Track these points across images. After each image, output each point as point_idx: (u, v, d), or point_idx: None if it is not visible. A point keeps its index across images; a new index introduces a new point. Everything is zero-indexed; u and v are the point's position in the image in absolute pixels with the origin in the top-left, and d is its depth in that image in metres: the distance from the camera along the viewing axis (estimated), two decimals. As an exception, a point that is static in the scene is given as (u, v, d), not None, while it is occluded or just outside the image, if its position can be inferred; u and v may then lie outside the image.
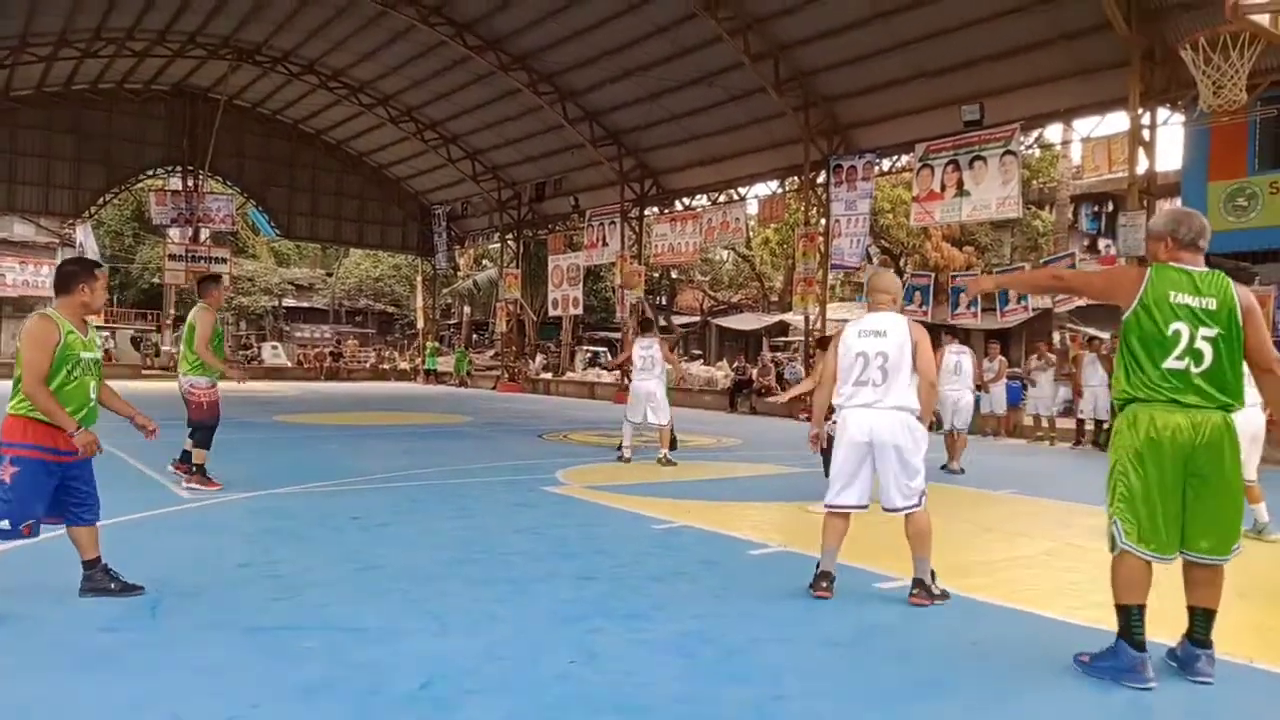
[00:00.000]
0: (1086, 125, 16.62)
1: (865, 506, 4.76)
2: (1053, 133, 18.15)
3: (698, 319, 39.93)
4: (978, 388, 16.41)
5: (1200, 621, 3.65)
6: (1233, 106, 11.05)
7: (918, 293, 19.00)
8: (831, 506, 4.77)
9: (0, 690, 3.28)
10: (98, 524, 4.44)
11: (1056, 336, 20.52)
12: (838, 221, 19.39)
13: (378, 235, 35.15)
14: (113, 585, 4.38)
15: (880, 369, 4.63)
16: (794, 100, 19.47)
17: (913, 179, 18.29)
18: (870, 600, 4.74)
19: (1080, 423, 14.47)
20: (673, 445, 10.12)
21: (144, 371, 30.51)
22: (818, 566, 4.75)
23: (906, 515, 4.65)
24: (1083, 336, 16.21)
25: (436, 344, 35.72)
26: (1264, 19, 7.12)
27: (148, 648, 3.74)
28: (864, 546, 5.40)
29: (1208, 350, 3.49)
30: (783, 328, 32.66)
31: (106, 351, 33.22)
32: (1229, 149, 14.41)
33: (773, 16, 18.15)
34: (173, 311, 36.38)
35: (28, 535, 4.22)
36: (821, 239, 20.00)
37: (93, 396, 4.37)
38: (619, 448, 10.08)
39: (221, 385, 7.84)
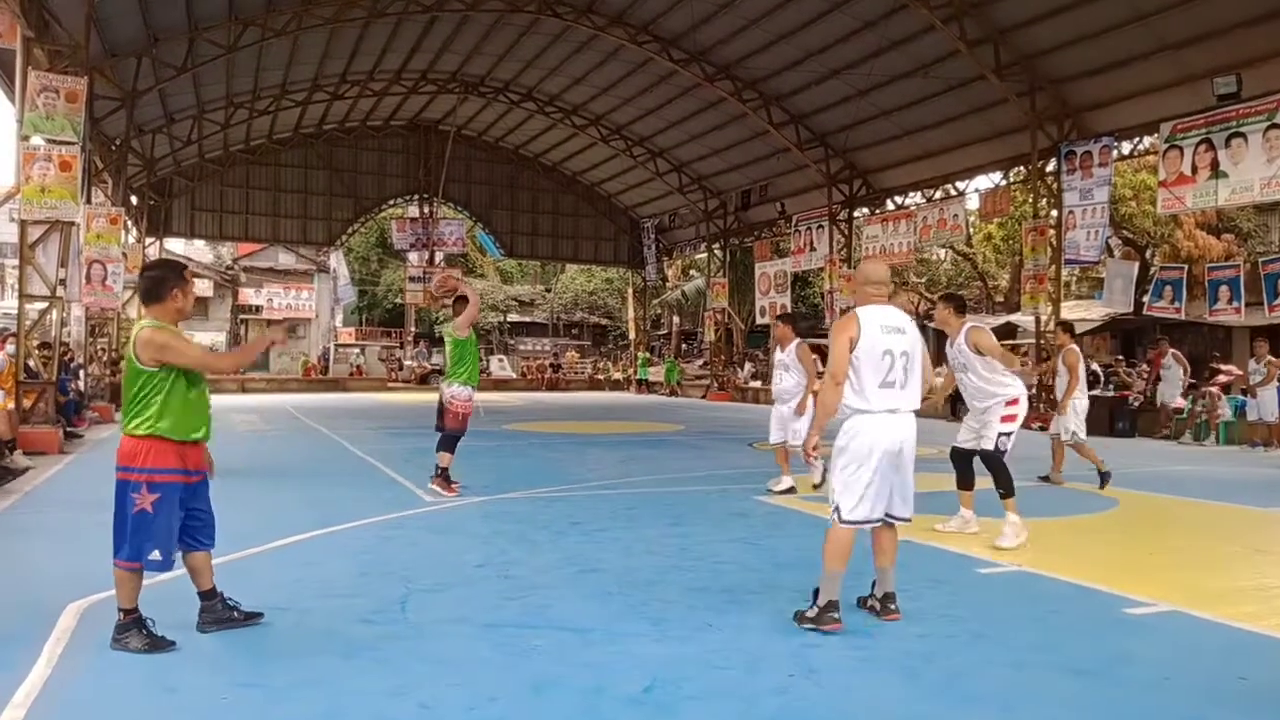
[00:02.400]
0: (1375, 88, 14.38)
1: (885, 520, 4.42)
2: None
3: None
4: (1243, 391, 14.68)
5: None
6: None
7: (1168, 287, 17.19)
8: (852, 522, 4.29)
9: (278, 670, 3.71)
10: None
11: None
12: (1071, 213, 17.94)
13: (591, 250, 36.58)
14: (235, 614, 4.17)
15: (904, 369, 4.30)
16: (1018, 85, 18.26)
17: (1158, 162, 16.58)
18: (1119, 626, 4.35)
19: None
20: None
21: (388, 385, 33.52)
22: (815, 594, 4.27)
23: (891, 525, 4.43)
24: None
25: (648, 354, 36.59)
26: None
27: (399, 639, 4.09)
28: (1107, 568, 4.97)
29: None
30: (1010, 329, 30.63)
31: (357, 366, 36.93)
32: None
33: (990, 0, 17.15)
34: (413, 329, 39.75)
35: (170, 568, 3.99)
36: (1053, 232, 18.58)
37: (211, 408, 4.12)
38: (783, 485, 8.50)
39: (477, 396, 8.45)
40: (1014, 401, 6.43)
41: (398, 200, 33.95)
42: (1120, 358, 20.64)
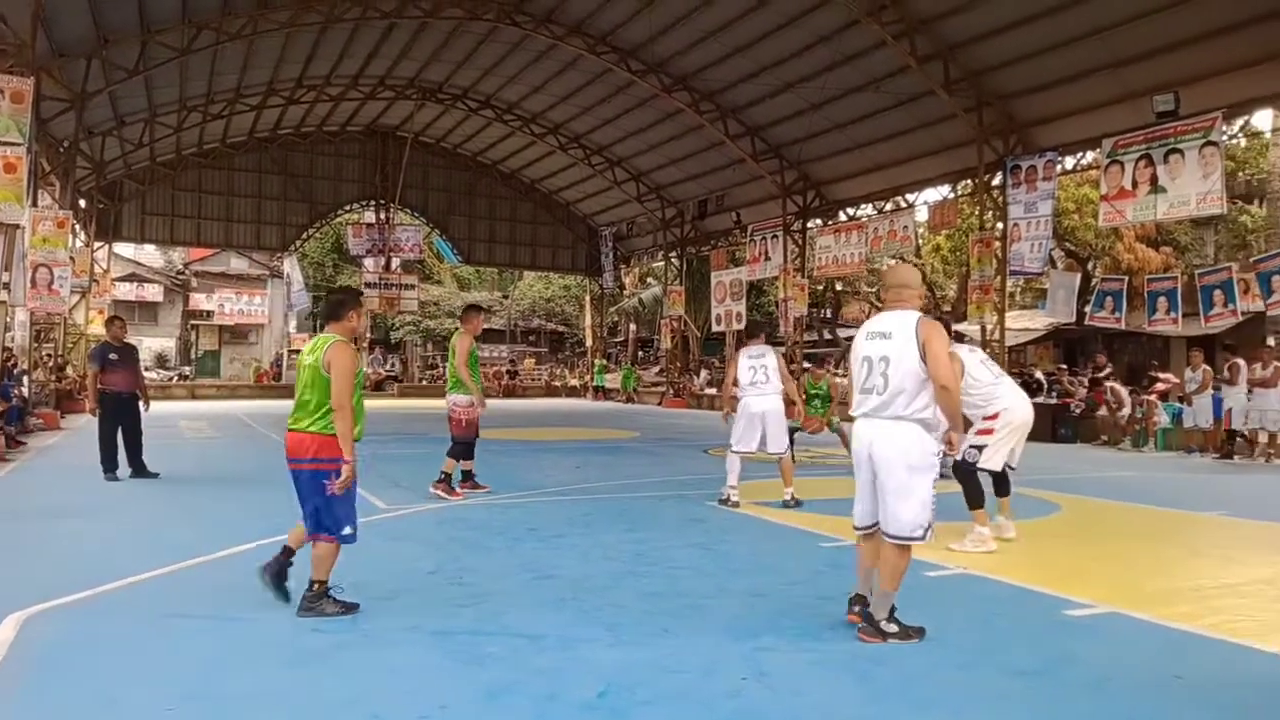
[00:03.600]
0: (1304, 108, 14.98)
1: (871, 527, 4.30)
2: (1261, 119, 16.49)
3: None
4: (1180, 399, 15.15)
5: None
6: None
7: (1109, 298, 17.69)
8: (855, 528, 4.42)
9: (225, 682, 3.66)
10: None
11: (1272, 342, 18.54)
12: (1016, 225, 18.39)
13: (549, 258, 36.53)
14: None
15: (882, 375, 4.16)
16: (965, 101, 18.69)
17: (1100, 177, 17.07)
18: (1061, 628, 4.47)
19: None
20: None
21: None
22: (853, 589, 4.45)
23: (896, 545, 4.19)
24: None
25: (604, 361, 36.61)
26: None
27: (350, 648, 4.06)
28: (1049, 571, 5.11)
29: None
30: (957, 338, 31.17)
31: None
32: None
33: (940, 17, 17.52)
34: (369, 336, 39.25)
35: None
36: (999, 244, 19.02)
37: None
38: (724, 496, 8.13)
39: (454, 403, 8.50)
40: (992, 417, 6.50)
41: (354, 206, 33.57)
42: (1063, 366, 21.16)
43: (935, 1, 17.22)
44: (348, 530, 4.55)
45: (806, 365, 19.58)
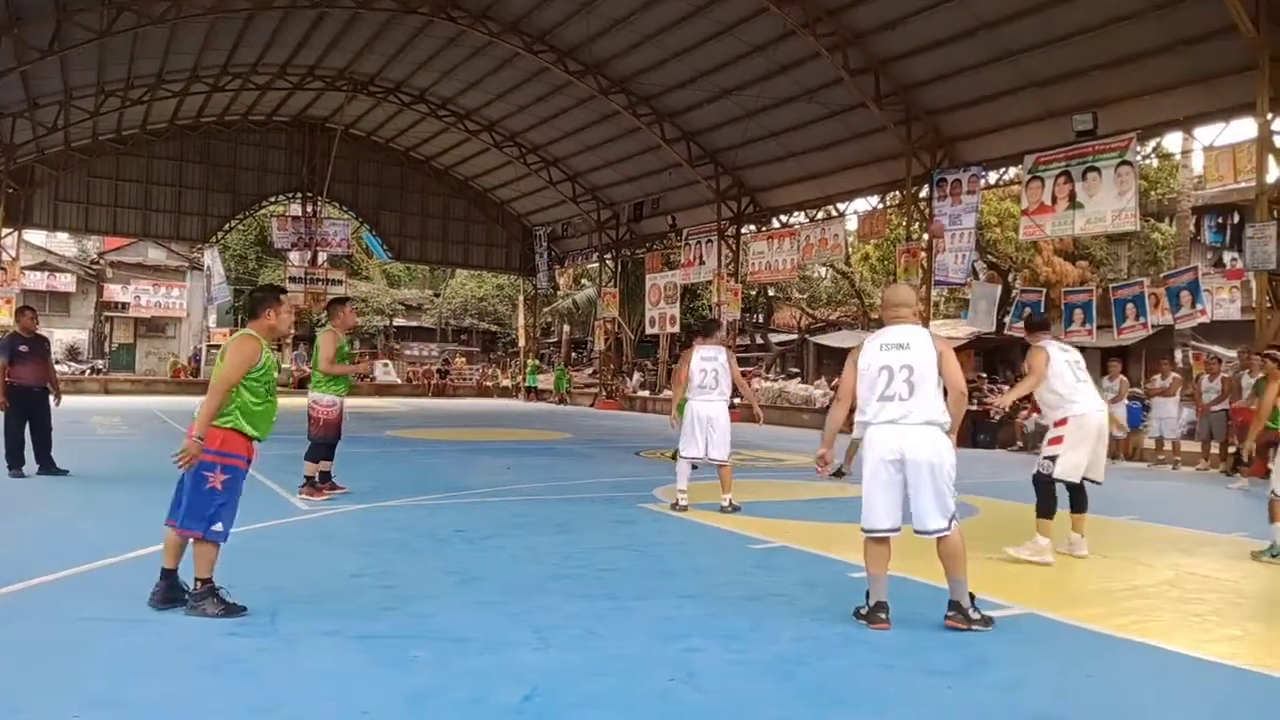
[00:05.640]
0: (1209, 133, 15.72)
1: (899, 529, 4.51)
2: (1172, 142, 17.30)
3: (795, 337, 39.48)
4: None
5: None
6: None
7: (1028, 309, 18.27)
8: (870, 532, 4.56)
9: (134, 688, 3.51)
10: None
11: (1179, 355, 19.44)
12: (941, 237, 18.91)
13: (482, 256, 36.15)
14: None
15: (906, 382, 4.43)
16: (895, 114, 19.14)
17: (1021, 192, 17.67)
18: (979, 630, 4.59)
19: (1205, 445, 13.71)
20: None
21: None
22: (867, 597, 4.55)
23: (939, 538, 4.44)
24: (1206, 355, 15.26)
25: (537, 362, 36.41)
26: None
27: (268, 652, 3.94)
28: (970, 572, 5.21)
29: None
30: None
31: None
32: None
33: (873, 31, 17.92)
34: (292, 331, 38.26)
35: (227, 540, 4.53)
36: (924, 254, 19.54)
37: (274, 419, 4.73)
38: (673, 501, 7.98)
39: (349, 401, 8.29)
40: (1061, 423, 6.31)
41: (279, 198, 32.70)
42: (983, 374, 21.81)
43: (868, 16, 17.61)
44: (218, 527, 4.41)
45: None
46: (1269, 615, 5.30)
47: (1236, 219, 24.68)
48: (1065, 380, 6.31)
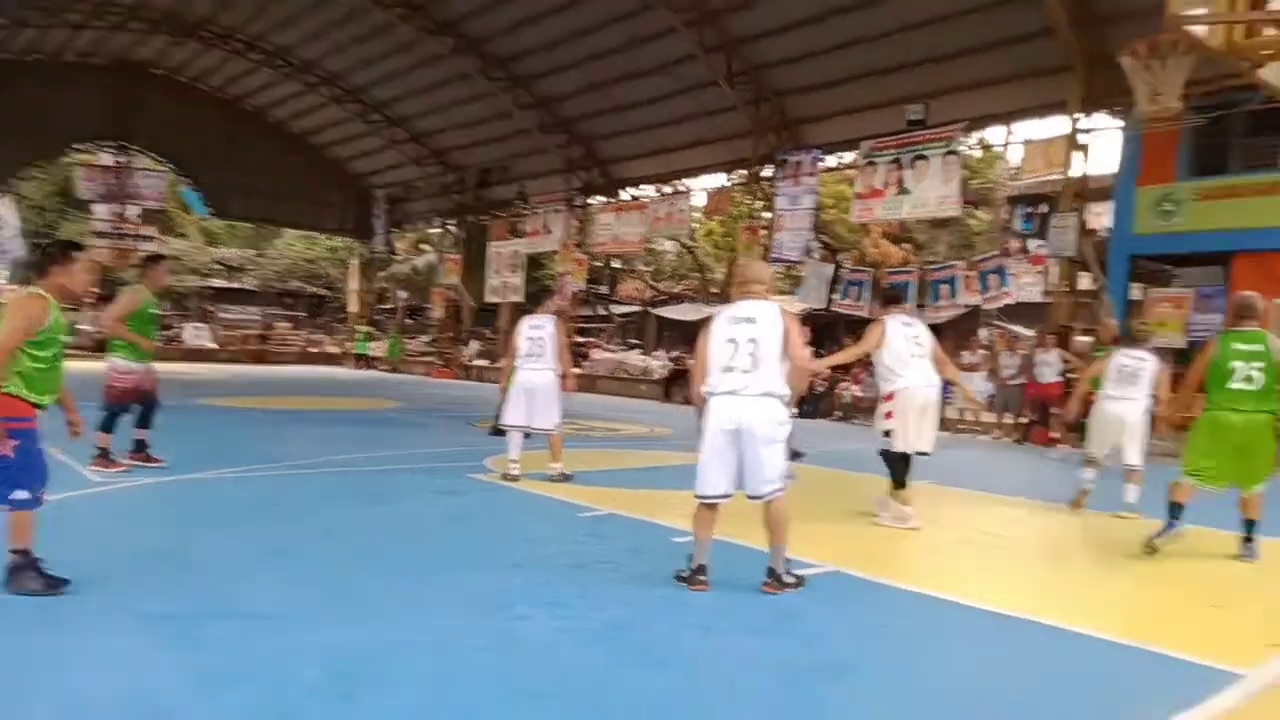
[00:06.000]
0: (1027, 128, 16.92)
1: (730, 496, 4.66)
2: (994, 134, 18.48)
3: (638, 309, 39.90)
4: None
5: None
6: (1168, 114, 11.33)
7: (855, 288, 19.23)
8: (701, 498, 4.67)
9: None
10: None
11: (984, 333, 20.95)
12: (781, 216, 19.52)
13: (314, 216, 34.38)
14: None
15: (750, 355, 4.56)
16: (745, 94, 19.51)
17: (856, 176, 18.48)
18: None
19: (999, 416, 14.77)
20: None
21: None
22: (689, 560, 4.66)
23: (767, 502, 4.61)
24: (1008, 334, 16.53)
25: (369, 329, 35.09)
26: (1200, 30, 7.28)
27: (53, 633, 3.60)
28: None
29: None
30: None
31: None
32: (1159, 156, 14.81)
33: (729, 11, 18.15)
34: (95, 290, 35.09)
35: (40, 504, 4.21)
36: (765, 232, 20.11)
37: (63, 382, 4.40)
38: (507, 472, 7.75)
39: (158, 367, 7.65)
40: (889, 397, 6.59)
41: (88, 146, 29.79)
42: (811, 348, 22.77)
43: (724, -5, 17.79)
44: (20, 495, 4.09)
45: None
46: (1047, 569, 5.81)
47: (1045, 209, 26.85)
48: (898, 354, 6.54)
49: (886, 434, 6.56)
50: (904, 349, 6.57)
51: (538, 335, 7.83)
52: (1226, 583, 5.44)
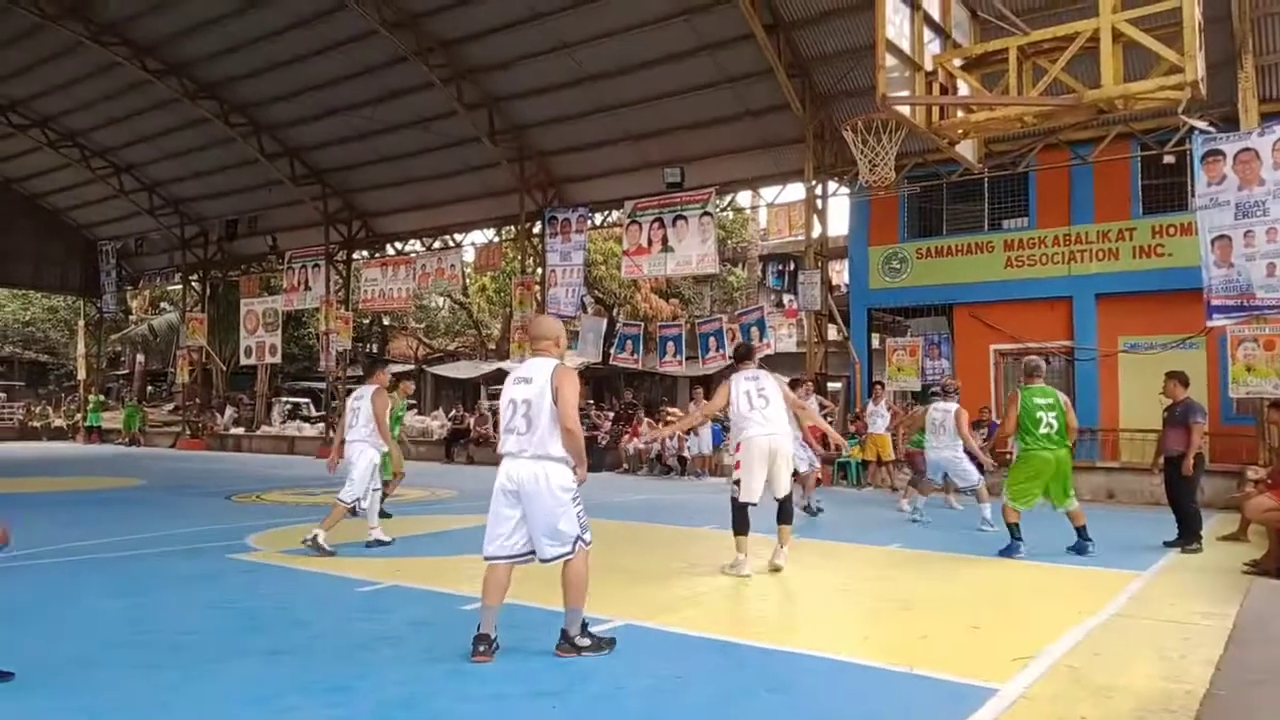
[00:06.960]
0: (771, 193, 18.38)
1: (517, 558, 4.53)
2: (744, 197, 19.87)
3: (412, 367, 38.72)
4: (688, 431, 17.34)
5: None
6: (885, 183, 12.72)
7: (629, 341, 19.79)
8: (486, 558, 4.56)
9: None
10: None
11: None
12: (554, 271, 19.77)
13: (30, 273, 30.45)
14: None
15: (524, 416, 4.50)
16: (509, 152, 19.68)
17: (623, 234, 19.14)
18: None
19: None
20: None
21: None
22: (478, 628, 4.46)
23: (564, 563, 4.49)
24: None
25: (101, 397, 31.49)
26: (905, 110, 8.35)
27: None
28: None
29: None
30: (500, 375, 32.53)
31: None
32: (885, 219, 16.66)
33: (486, 69, 18.31)
34: None
35: None
36: (538, 287, 20.27)
37: None
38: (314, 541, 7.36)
39: None
40: (738, 448, 6.93)
41: None
42: (591, 401, 23.14)
43: (481, 54, 17.98)
44: None
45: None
46: (826, 607, 6.13)
47: (792, 267, 29.14)
48: (739, 409, 6.89)
49: (736, 483, 6.89)
50: (744, 404, 6.87)
51: (355, 406, 8.00)
52: (983, 605, 5.99)
